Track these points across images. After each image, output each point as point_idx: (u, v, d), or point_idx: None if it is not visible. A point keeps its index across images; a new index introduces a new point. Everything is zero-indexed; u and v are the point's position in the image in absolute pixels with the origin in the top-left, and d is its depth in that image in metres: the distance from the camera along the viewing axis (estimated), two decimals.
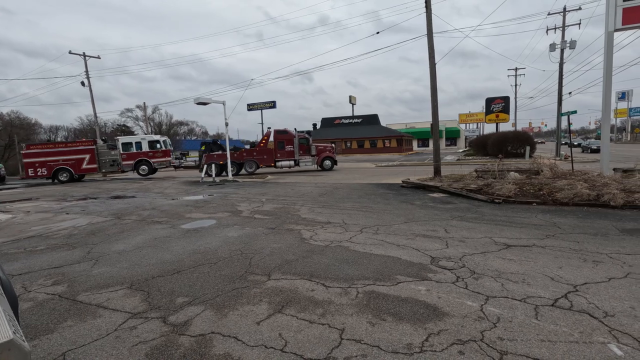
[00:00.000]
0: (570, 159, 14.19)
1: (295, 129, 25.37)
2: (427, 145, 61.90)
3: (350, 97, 60.92)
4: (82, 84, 34.43)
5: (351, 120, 58.37)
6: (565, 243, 5.28)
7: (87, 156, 22.17)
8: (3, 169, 26.38)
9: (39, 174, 21.87)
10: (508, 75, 43.38)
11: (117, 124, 74.99)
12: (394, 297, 3.58)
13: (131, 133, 75.44)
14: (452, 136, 67.57)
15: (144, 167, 22.79)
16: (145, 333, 3.08)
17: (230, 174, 20.08)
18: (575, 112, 14.08)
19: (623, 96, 73.37)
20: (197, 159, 26.50)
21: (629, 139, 73.53)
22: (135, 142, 23.03)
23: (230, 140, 22.63)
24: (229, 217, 8.42)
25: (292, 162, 22.84)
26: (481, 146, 32.78)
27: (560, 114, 27.77)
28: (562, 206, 8.17)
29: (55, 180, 22.17)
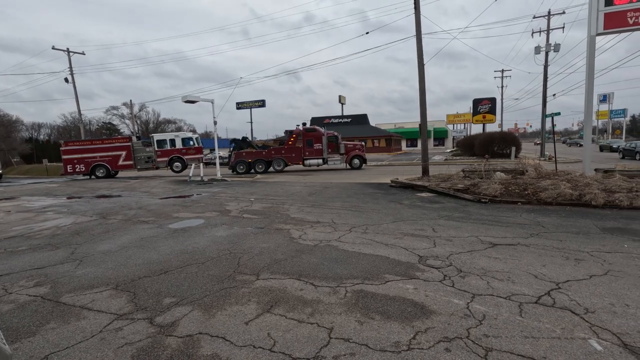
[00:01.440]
0: (554, 159, 14.52)
1: (324, 126, 24.96)
2: (416, 145, 62.49)
3: (339, 96, 61.03)
4: (66, 80, 33.66)
5: (340, 120, 58.48)
6: (549, 242, 5.41)
7: (124, 153, 22.38)
8: None
9: (77, 170, 22.14)
10: (495, 77, 44.22)
11: (103, 122, 73.50)
12: (382, 296, 3.61)
13: (117, 131, 73.98)
14: (440, 136, 68.38)
15: (178, 163, 22.90)
16: (132, 334, 3.03)
17: (219, 172, 19.90)
18: (559, 113, 14.42)
19: (604, 99, 75.42)
20: (227, 156, 25.91)
21: (610, 140, 75.62)
22: (169, 140, 23.14)
23: (219, 138, 22.41)
24: (217, 216, 8.35)
25: (320, 161, 22.60)
26: (468, 146, 33.28)
27: (544, 116, 28.38)
28: (546, 205, 8.37)
29: (93, 176, 22.39)
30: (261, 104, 55.99)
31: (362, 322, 3.09)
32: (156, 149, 22.87)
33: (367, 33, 18.51)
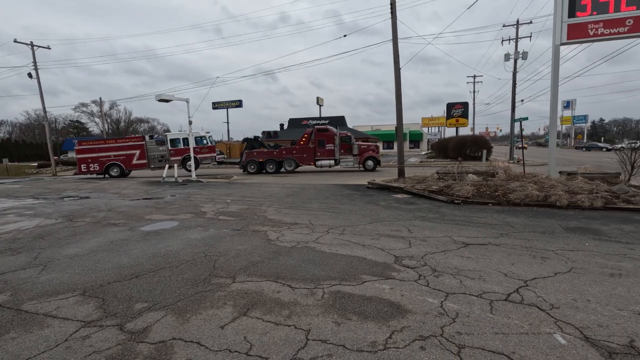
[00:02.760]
0: (522, 162, 15.18)
1: (337, 127, 24.11)
2: (392, 148, 63.55)
3: (317, 98, 61.20)
4: (30, 75, 31.92)
5: (318, 122, 58.63)
6: (517, 241, 5.64)
7: (137, 152, 22.01)
8: None
9: (91, 169, 21.69)
10: (467, 82, 45.73)
11: (70, 120, 70.23)
12: (359, 297, 3.64)
13: (85, 129, 70.86)
14: (416, 139, 69.90)
15: (191, 162, 22.25)
16: (100, 342, 2.91)
17: (194, 173, 19.44)
18: (526, 118, 15.09)
19: (568, 105, 79.71)
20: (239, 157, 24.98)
21: (572, 144, 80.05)
22: (183, 138, 22.67)
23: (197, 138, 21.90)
24: (192, 218, 8.15)
25: (332, 162, 21.87)
26: (442, 149, 34.21)
27: (513, 120, 29.63)
28: (515, 206, 8.72)
29: (106, 175, 21.89)
30: (238, 104, 55.28)
31: (339, 323, 3.10)
32: (169, 147, 22.56)
33: (344, 36, 18.68)
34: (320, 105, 62.22)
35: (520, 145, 17.84)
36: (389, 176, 16.88)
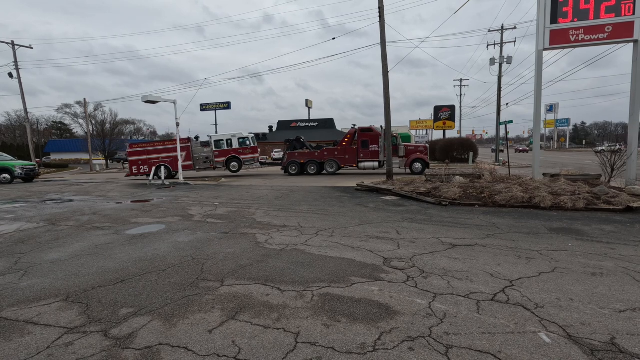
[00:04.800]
0: (507, 164, 15.48)
1: (381, 126, 23.58)
2: None
3: (306, 100, 61.30)
4: (10, 75, 31.12)
5: (307, 124, 58.70)
6: (503, 242, 5.74)
7: (184, 154, 21.84)
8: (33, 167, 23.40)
9: (141, 171, 21.69)
10: (454, 86, 46.50)
11: (53, 121, 68.54)
12: (349, 299, 3.64)
13: (69, 131, 69.23)
14: (404, 142, 70.56)
15: (235, 163, 22.55)
16: (84, 349, 2.83)
17: (181, 175, 19.19)
18: (511, 121, 15.43)
19: (551, 109, 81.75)
20: (281, 157, 24.47)
21: (555, 147, 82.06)
22: (227, 140, 22.72)
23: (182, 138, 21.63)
24: (179, 221, 8.04)
25: (376, 164, 20.86)
26: (430, 151, 34.58)
27: (499, 123, 30.22)
28: (501, 208, 8.88)
29: (155, 177, 21.65)
30: (226, 105, 54.91)
31: (328, 326, 3.10)
32: (214, 149, 22.58)
33: (334, 39, 18.78)
34: (309, 108, 62.29)
35: (505, 148, 18.15)
36: (378, 178, 16.97)
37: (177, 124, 19.00)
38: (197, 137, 24.55)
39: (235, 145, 22.43)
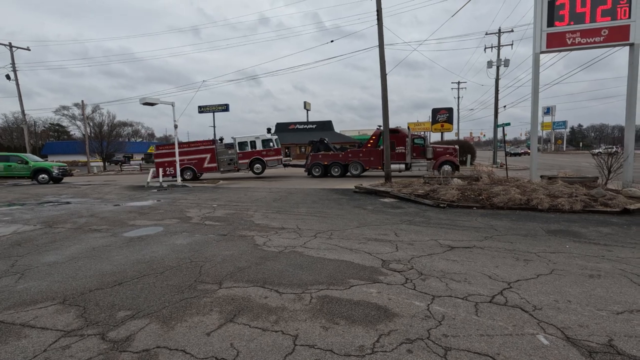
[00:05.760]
0: (505, 166, 15.54)
1: (408, 127, 22.37)
2: None
3: (305, 102, 61.34)
4: (8, 77, 31.04)
5: (306, 126, 58.70)
6: (501, 244, 5.75)
7: (208, 155, 22.31)
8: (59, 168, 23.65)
9: (167, 173, 21.88)
10: (451, 88, 46.63)
11: (50, 123, 68.29)
12: (347, 301, 3.64)
13: (67, 133, 68.97)
14: None
15: (258, 165, 22.57)
16: (81, 352, 2.82)
17: (179, 177, 19.16)
18: (509, 124, 15.49)
19: (548, 111, 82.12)
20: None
21: (552, 149, 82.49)
22: (250, 142, 22.77)
23: (179, 141, 21.61)
24: (177, 223, 8.02)
25: (402, 166, 19.94)
26: None
27: (496, 126, 30.33)
28: (499, 210, 8.90)
29: (181, 178, 22.06)
30: (224, 108, 54.85)
31: (327, 328, 3.09)
32: (238, 151, 22.65)
33: (332, 41, 18.83)
34: (307, 110, 62.37)
35: (505, 151, 18.05)
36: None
37: (175, 126, 18.98)
38: (221, 139, 24.59)
39: (259, 147, 22.48)
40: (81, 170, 39.86)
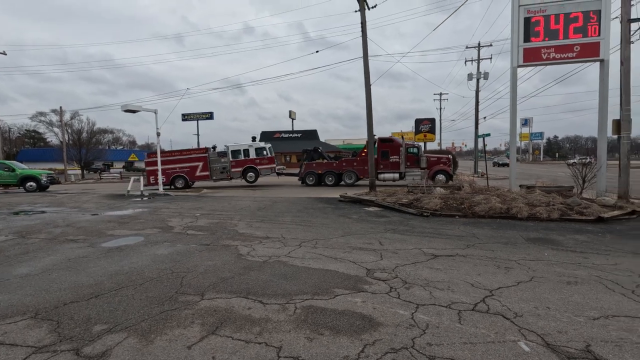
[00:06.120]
0: (486, 176, 15.91)
1: (402, 137, 22.13)
2: None
3: (290, 112, 61.54)
4: None
5: (291, 135, 58.78)
6: (483, 252, 5.86)
7: (201, 164, 21.96)
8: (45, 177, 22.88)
9: (158, 181, 21.36)
10: (434, 99, 47.79)
11: (26, 129, 66.03)
12: (332, 311, 3.61)
13: (43, 140, 66.75)
14: None
15: (251, 173, 22.31)
16: None
17: (160, 187, 18.77)
18: (489, 134, 15.93)
19: (526, 122, 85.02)
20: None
21: (530, 159, 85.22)
22: (244, 150, 22.51)
23: (162, 151, 21.25)
24: (158, 233, 7.82)
25: (396, 175, 19.92)
26: None
27: (477, 136, 31.16)
28: (480, 218, 9.09)
29: (172, 187, 21.77)
30: (209, 116, 54.39)
31: (311, 339, 3.05)
32: (231, 159, 22.33)
33: (317, 52, 19.04)
34: (292, 119, 62.57)
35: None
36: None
37: (158, 134, 18.66)
38: (214, 147, 24.28)
39: (253, 155, 22.35)
40: (58, 178, 38.54)
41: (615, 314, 3.48)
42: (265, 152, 22.57)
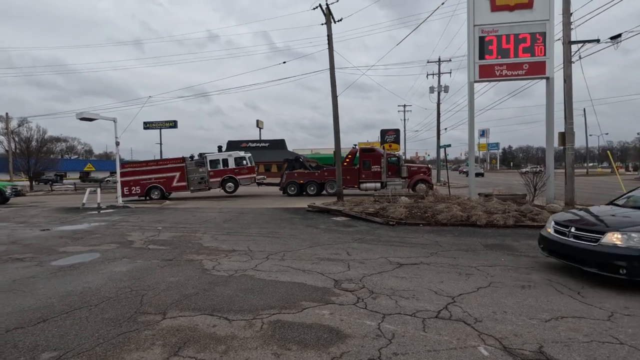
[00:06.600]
0: (447, 184, 16.61)
1: (383, 147, 21.96)
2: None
3: (257, 121, 61.05)
4: None
5: (258, 144, 58.23)
6: (445, 259, 6.08)
7: (177, 174, 21.12)
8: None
9: (133, 192, 20.97)
10: (398, 111, 49.47)
11: None
12: (299, 324, 3.58)
13: None
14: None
15: (230, 184, 21.46)
16: None
17: (120, 198, 17.83)
18: (449, 145, 16.74)
19: (483, 134, 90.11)
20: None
21: (488, 168, 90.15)
22: (222, 159, 21.74)
23: (121, 160, 20.26)
24: (116, 249, 7.41)
25: (378, 185, 20.05)
26: None
27: (439, 147, 32.53)
28: (443, 226, 9.44)
29: (147, 198, 21.00)
30: (172, 124, 52.73)
31: (278, 355, 3.01)
32: (209, 169, 21.46)
33: (284, 62, 19.23)
34: (260, 128, 62.10)
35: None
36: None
37: (117, 143, 17.79)
38: (192, 157, 23.37)
39: (232, 165, 21.79)
40: (23, 190, 35.53)
41: (564, 315, 3.73)
42: (245, 162, 22.21)
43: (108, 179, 36.82)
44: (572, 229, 5.02)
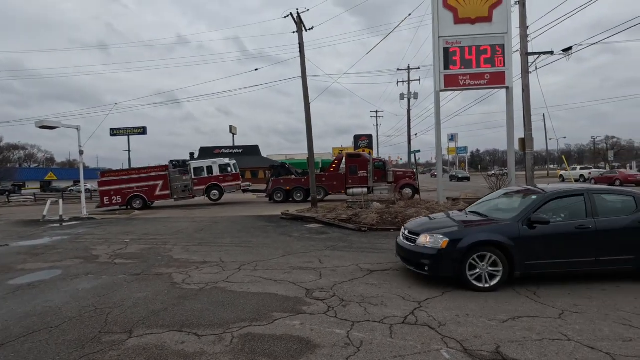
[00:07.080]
0: (418, 188, 17.09)
1: (370, 152, 21.95)
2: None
3: (230, 126, 60.24)
4: None
5: (232, 150, 57.40)
6: None
7: (160, 182, 20.47)
8: None
9: (113, 202, 20.39)
10: (370, 116, 50.42)
11: None
12: (270, 337, 3.61)
13: None
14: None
15: (215, 191, 21.01)
16: None
17: (84, 209, 17.06)
18: (419, 151, 17.31)
19: (452, 138, 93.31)
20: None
21: (457, 171, 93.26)
22: (207, 167, 21.16)
23: (87, 169, 19.42)
24: (80, 264, 7.11)
25: (365, 190, 19.88)
26: None
27: (410, 152, 33.42)
28: None
29: (129, 207, 20.34)
30: (141, 131, 51.01)
31: None
32: (193, 177, 20.91)
33: (256, 69, 19.14)
34: (233, 134, 61.28)
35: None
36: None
37: (81, 152, 17.05)
38: (174, 164, 22.61)
39: (216, 172, 21.40)
40: None
41: (520, 315, 3.98)
42: (229, 169, 21.94)
43: (71, 188, 35.21)
44: (406, 232, 5.65)
